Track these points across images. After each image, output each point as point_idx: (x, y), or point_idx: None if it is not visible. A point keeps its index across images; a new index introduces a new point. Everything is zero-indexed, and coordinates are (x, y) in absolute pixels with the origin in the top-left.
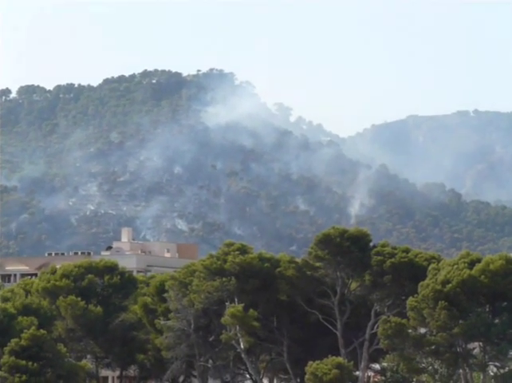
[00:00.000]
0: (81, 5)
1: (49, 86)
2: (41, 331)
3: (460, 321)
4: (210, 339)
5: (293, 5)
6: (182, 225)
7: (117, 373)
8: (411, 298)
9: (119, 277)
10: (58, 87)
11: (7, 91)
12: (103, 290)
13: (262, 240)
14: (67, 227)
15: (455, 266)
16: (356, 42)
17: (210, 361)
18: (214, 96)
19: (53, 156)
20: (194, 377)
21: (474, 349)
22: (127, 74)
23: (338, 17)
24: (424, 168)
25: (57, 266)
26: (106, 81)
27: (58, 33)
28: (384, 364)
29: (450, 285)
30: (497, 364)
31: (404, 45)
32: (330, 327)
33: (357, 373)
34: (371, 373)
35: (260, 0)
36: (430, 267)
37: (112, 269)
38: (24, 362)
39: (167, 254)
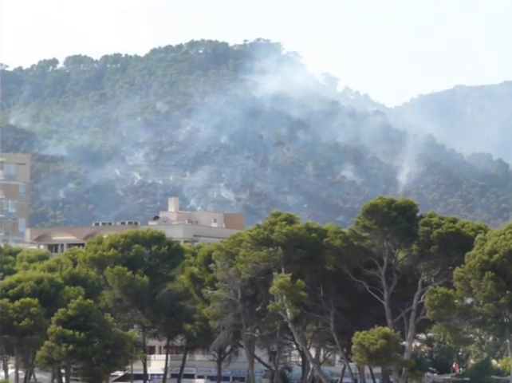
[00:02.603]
0: None
1: (96, 56)
2: (88, 301)
3: (507, 292)
4: (257, 309)
5: None
6: (229, 195)
7: (164, 342)
8: (457, 269)
9: (166, 247)
10: (105, 57)
11: (54, 61)
12: (150, 259)
13: (309, 210)
14: (114, 196)
15: (502, 237)
16: (403, 11)
17: (257, 331)
18: (261, 66)
19: (99, 126)
20: (241, 346)
21: None
22: (174, 44)
23: None
24: (471, 138)
25: (104, 236)
26: (153, 51)
27: (104, 4)
28: (431, 334)
29: (496, 255)
30: None
31: (452, 14)
32: (377, 297)
33: (404, 343)
34: (418, 344)
35: None
36: (477, 238)
37: (158, 239)
38: (71, 332)
39: (214, 224)
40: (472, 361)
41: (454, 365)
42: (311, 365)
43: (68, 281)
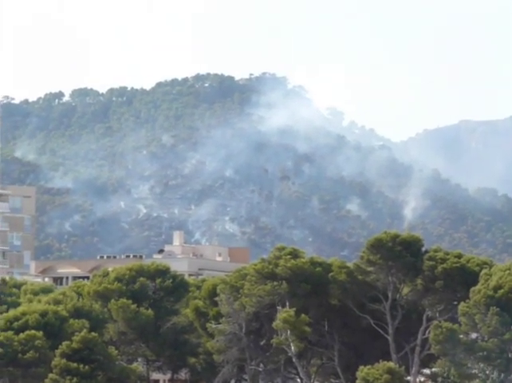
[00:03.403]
0: (133, 9)
1: (102, 89)
2: (93, 334)
3: None
4: (262, 343)
5: (343, 10)
6: (234, 228)
7: (168, 376)
8: (462, 304)
9: (170, 280)
10: (111, 90)
11: (60, 94)
12: (154, 293)
13: (314, 244)
14: (119, 229)
15: (507, 272)
16: (409, 47)
17: (261, 364)
18: (267, 100)
19: (105, 159)
20: (245, 380)
21: None
22: (179, 78)
23: (387, 22)
24: (477, 173)
25: (109, 269)
26: (159, 85)
27: (110, 36)
28: (435, 369)
29: (501, 290)
30: None
31: (457, 49)
32: (381, 332)
33: (408, 378)
34: (422, 379)
35: (312, 6)
36: (482, 273)
37: (163, 272)
38: (75, 365)
39: (219, 258)
40: None
41: None
42: None
43: (73, 314)
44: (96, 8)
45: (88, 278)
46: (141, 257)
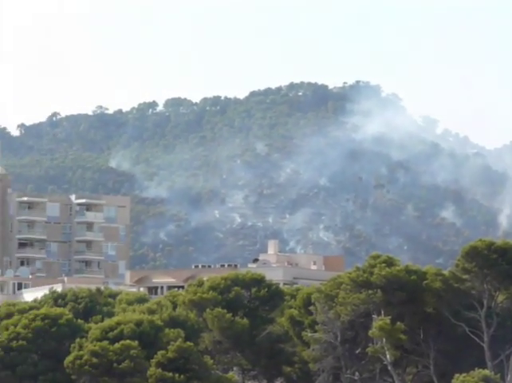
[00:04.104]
0: (226, 19)
1: (196, 99)
2: (188, 343)
3: None
4: (357, 351)
5: (436, 18)
6: (328, 237)
7: None
8: None
9: (266, 289)
10: (205, 99)
11: (154, 104)
12: (249, 302)
13: (409, 252)
14: (214, 239)
15: None
16: (503, 51)
17: (357, 373)
18: (361, 109)
19: (199, 169)
20: None
21: None
22: (273, 87)
23: (480, 29)
24: None
25: (204, 279)
26: (252, 94)
27: (204, 46)
28: None
29: None
30: None
31: None
32: (477, 340)
33: None
34: None
35: (404, 13)
36: None
37: (258, 281)
38: (170, 374)
39: (314, 267)
40: None
41: None
42: None
43: (168, 323)
44: (187, 19)
45: (183, 287)
46: (236, 266)
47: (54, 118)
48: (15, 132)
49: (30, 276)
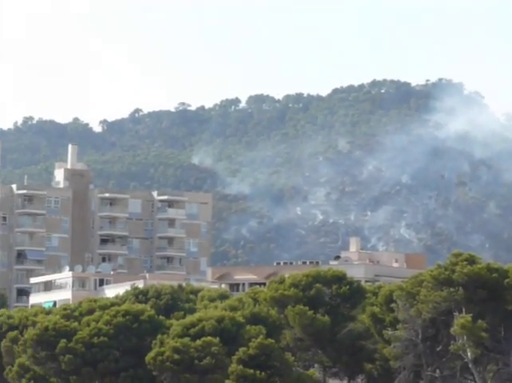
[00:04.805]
0: (310, 16)
1: (279, 96)
2: (269, 340)
3: None
4: (438, 349)
5: None
6: (410, 234)
7: (345, 382)
8: None
9: (347, 286)
10: (287, 96)
11: (237, 100)
12: (331, 299)
13: (491, 250)
14: (295, 235)
15: None
16: None
17: (438, 370)
18: (443, 106)
19: (281, 165)
20: None
21: None
22: (356, 84)
23: None
24: None
25: (286, 276)
26: (335, 91)
27: (290, 43)
28: None
29: None
30: None
31: None
32: None
33: None
34: None
35: (489, 10)
36: None
37: (340, 278)
38: (251, 371)
39: (395, 264)
40: None
41: None
42: None
43: (250, 320)
44: (270, 17)
45: (264, 284)
46: (317, 263)
47: (136, 114)
48: (97, 129)
49: (112, 272)
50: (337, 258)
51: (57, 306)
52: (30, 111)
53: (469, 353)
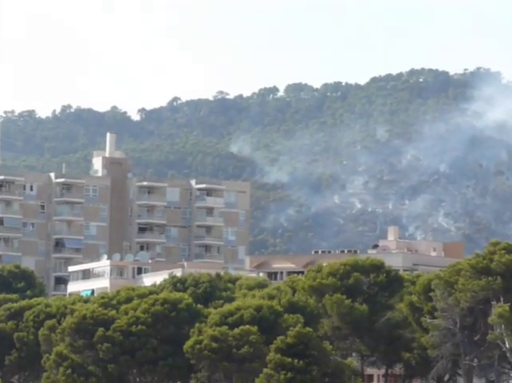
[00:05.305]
0: (349, 5)
1: (317, 84)
2: (307, 329)
3: None
4: (476, 338)
5: None
6: (448, 223)
7: (382, 371)
8: None
9: (385, 275)
10: (325, 85)
11: (275, 89)
12: (368, 288)
13: None
14: (333, 224)
15: None
16: None
17: (476, 359)
18: (481, 95)
19: (319, 154)
20: (460, 375)
21: None
22: (394, 73)
23: None
24: None
25: (324, 264)
26: (373, 80)
27: (328, 32)
28: None
29: None
30: None
31: None
32: None
33: None
34: None
35: None
36: None
37: (378, 267)
38: (289, 360)
39: (433, 253)
40: None
41: None
42: None
43: (288, 309)
44: (307, 5)
45: (302, 273)
46: (355, 252)
47: (175, 103)
48: (135, 117)
49: (150, 261)
50: (375, 246)
51: (95, 294)
52: (69, 99)
53: (507, 343)
